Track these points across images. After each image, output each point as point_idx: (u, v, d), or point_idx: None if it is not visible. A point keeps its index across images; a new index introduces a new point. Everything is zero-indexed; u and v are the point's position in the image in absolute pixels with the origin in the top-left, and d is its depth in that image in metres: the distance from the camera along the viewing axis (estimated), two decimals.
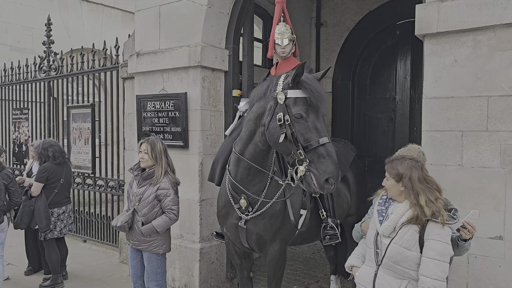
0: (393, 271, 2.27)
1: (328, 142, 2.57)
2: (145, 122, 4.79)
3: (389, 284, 2.27)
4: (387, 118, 6.50)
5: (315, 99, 2.60)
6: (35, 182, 4.64)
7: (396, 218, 2.27)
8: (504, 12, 2.71)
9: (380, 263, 2.30)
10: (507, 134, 2.76)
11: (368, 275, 2.37)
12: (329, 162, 2.51)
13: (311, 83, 2.65)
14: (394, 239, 2.24)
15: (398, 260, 2.23)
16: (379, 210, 2.41)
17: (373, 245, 2.35)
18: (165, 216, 3.36)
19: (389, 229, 2.27)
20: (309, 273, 5.18)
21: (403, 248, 2.21)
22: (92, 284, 4.88)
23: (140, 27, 4.93)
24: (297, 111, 2.61)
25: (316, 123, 2.61)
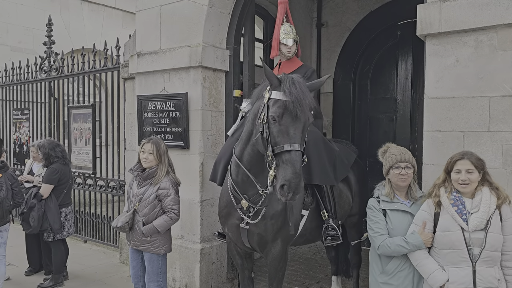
0: (491, 260, 2.39)
1: (296, 150, 2.51)
2: (145, 123, 4.79)
3: (491, 275, 2.38)
4: (388, 119, 6.49)
5: (292, 104, 2.56)
6: (45, 184, 4.62)
7: (486, 209, 2.40)
8: (506, 12, 2.70)
9: (478, 259, 2.39)
10: (509, 134, 2.75)
11: (464, 277, 2.41)
12: (288, 170, 2.48)
13: (293, 87, 2.60)
14: (490, 228, 2.38)
15: (497, 247, 2.39)
16: (458, 211, 2.44)
17: (464, 245, 2.40)
18: (166, 216, 3.35)
19: (483, 222, 2.39)
20: (310, 274, 5.17)
21: (497, 234, 2.39)
22: (93, 285, 4.87)
23: (141, 27, 4.92)
24: (272, 113, 2.61)
25: (289, 128, 2.57)
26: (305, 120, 2.62)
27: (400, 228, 2.68)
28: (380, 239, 2.70)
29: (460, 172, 2.45)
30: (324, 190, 3.44)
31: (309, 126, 2.73)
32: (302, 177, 2.51)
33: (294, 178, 2.45)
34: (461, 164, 2.46)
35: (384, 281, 2.73)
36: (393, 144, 3.01)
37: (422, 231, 2.56)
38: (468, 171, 2.44)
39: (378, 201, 2.82)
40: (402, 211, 2.74)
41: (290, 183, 2.45)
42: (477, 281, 2.38)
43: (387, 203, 2.78)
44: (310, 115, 2.68)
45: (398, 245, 2.61)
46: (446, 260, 2.48)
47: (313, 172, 3.32)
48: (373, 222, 2.78)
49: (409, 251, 2.59)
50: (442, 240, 2.48)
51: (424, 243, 2.54)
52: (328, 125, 6.75)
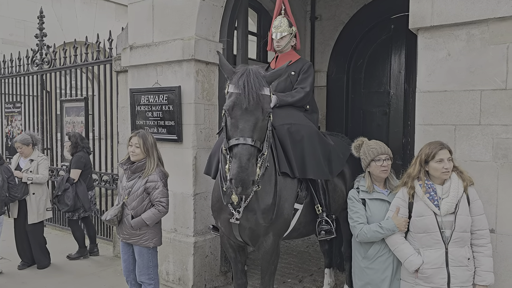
0: (461, 241, 2.57)
1: (242, 144, 2.51)
2: (138, 116, 4.77)
3: (461, 255, 2.57)
4: (381, 112, 6.51)
5: (241, 96, 2.56)
6: (74, 169, 5.27)
7: (455, 193, 2.58)
8: (497, 6, 2.71)
9: (449, 240, 2.56)
10: (499, 128, 2.77)
11: (437, 258, 2.58)
12: (235, 164, 2.49)
13: (243, 79, 2.59)
14: (458, 211, 2.57)
15: (465, 228, 2.57)
16: (430, 197, 2.61)
17: (437, 228, 2.57)
18: (154, 209, 3.36)
19: (453, 206, 2.57)
20: (303, 267, 5.21)
21: (465, 216, 2.57)
22: (86, 278, 4.87)
23: (133, 20, 4.88)
24: (225, 106, 2.63)
25: (239, 121, 2.57)
26: (258, 113, 2.60)
27: (378, 215, 2.87)
28: (358, 228, 2.88)
29: (443, 161, 2.61)
30: (319, 184, 3.45)
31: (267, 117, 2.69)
32: (251, 172, 2.50)
33: (239, 172, 2.46)
34: (443, 154, 2.62)
35: (366, 266, 2.92)
36: (365, 138, 3.18)
37: (395, 216, 2.74)
38: (448, 159, 2.62)
39: (358, 191, 3.01)
40: (380, 199, 2.94)
41: (236, 177, 2.46)
42: (449, 261, 2.57)
43: (366, 193, 2.97)
44: (266, 106, 2.66)
45: (374, 231, 2.79)
46: (421, 243, 2.65)
47: (307, 166, 3.32)
48: (353, 212, 2.97)
49: (384, 235, 2.77)
50: (417, 224, 2.65)
51: (397, 227, 2.71)
52: (321, 119, 6.76)
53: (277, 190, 3.09)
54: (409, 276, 2.71)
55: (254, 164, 2.60)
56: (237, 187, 2.50)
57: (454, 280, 2.56)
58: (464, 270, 2.58)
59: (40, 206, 5.09)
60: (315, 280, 4.76)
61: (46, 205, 5.16)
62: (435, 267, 2.58)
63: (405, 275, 2.76)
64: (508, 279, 2.78)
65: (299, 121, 3.48)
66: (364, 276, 2.93)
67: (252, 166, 2.55)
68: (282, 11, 3.89)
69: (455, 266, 2.57)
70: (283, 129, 3.34)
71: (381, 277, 2.85)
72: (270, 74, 2.79)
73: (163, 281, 4.57)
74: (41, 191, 5.12)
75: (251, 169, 2.53)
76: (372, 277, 2.88)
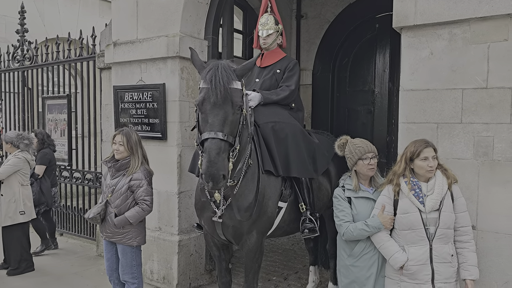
0: (445, 237, 2.61)
1: (211, 138, 2.51)
2: (122, 114, 4.71)
3: (445, 251, 2.60)
4: (366, 111, 6.56)
5: (210, 90, 2.57)
6: (39, 165, 5.40)
7: (440, 190, 2.61)
8: (479, 6, 2.75)
9: (433, 237, 2.59)
10: (480, 126, 2.81)
11: (422, 254, 2.61)
12: (205, 159, 2.50)
13: (211, 73, 2.59)
14: (443, 208, 2.60)
15: (449, 225, 2.61)
16: (415, 194, 2.64)
17: (422, 225, 2.61)
18: (138, 207, 3.32)
19: (438, 203, 2.60)
20: (288, 265, 5.22)
21: (449, 213, 2.61)
22: (68, 278, 4.80)
23: (117, 16, 4.82)
24: (196, 101, 2.64)
25: (208, 115, 2.58)
26: (227, 107, 2.60)
27: (364, 213, 2.89)
28: (345, 226, 2.89)
29: (427, 159, 2.64)
30: (303, 183, 3.45)
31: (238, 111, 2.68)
32: (220, 166, 2.49)
33: (208, 167, 2.46)
34: (427, 152, 2.65)
35: (351, 264, 2.94)
36: (348, 136, 3.19)
37: (381, 213, 2.76)
38: (433, 157, 2.65)
39: (344, 190, 3.01)
40: (366, 198, 2.96)
41: (205, 172, 2.46)
42: (433, 258, 2.60)
43: (352, 191, 2.98)
44: (236, 99, 2.66)
45: (360, 229, 2.81)
46: (406, 240, 2.68)
47: (291, 164, 3.32)
48: (338, 211, 2.98)
49: (370, 233, 2.79)
50: (402, 221, 2.67)
51: (383, 224, 2.73)
52: (307, 117, 6.78)
53: (259, 188, 3.08)
54: (394, 273, 2.74)
55: (225, 159, 2.56)
56: (208, 182, 2.49)
57: (438, 276, 2.60)
58: (448, 267, 2.62)
59: (9, 209, 4.74)
60: (300, 278, 4.78)
61: (17, 208, 4.78)
62: (419, 264, 2.61)
63: (390, 272, 2.78)
64: (489, 275, 2.82)
65: (283, 119, 3.48)
66: (350, 274, 2.94)
67: (223, 160, 2.53)
68: (268, 9, 3.89)
69: (439, 263, 2.60)
70: (267, 127, 3.34)
71: (366, 274, 2.87)
72: (240, 67, 2.78)
73: (147, 280, 4.53)
74: (11, 193, 4.76)
75: (221, 164, 2.51)
76: (357, 274, 2.90)
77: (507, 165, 2.74)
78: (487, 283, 2.83)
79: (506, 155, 2.74)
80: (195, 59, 2.79)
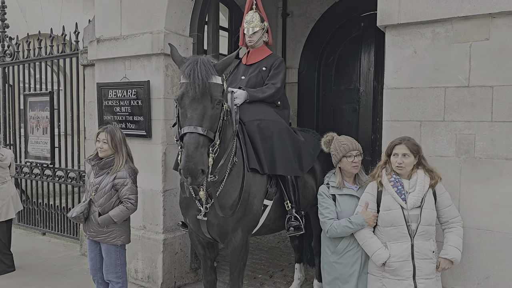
0: (426, 234, 2.65)
1: (190, 132, 2.50)
2: (106, 111, 4.65)
3: (426, 247, 2.65)
4: (351, 109, 6.60)
5: (188, 85, 2.57)
6: None
7: (421, 188, 2.65)
8: (461, 5, 2.78)
9: (415, 234, 2.63)
10: (462, 124, 2.85)
11: (404, 251, 2.64)
12: (183, 154, 2.49)
13: (189, 68, 2.59)
14: (424, 205, 2.64)
15: (431, 221, 2.66)
16: (398, 191, 2.67)
17: (404, 222, 2.64)
18: (122, 206, 3.28)
19: (419, 200, 2.64)
20: (274, 262, 5.23)
21: (430, 210, 2.65)
22: (51, 278, 4.73)
23: (100, 12, 4.75)
24: (175, 96, 2.65)
25: (187, 110, 2.57)
26: (206, 101, 2.59)
27: (348, 210, 2.92)
28: (329, 223, 2.91)
29: (397, 156, 2.69)
30: (288, 181, 3.46)
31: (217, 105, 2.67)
32: (199, 161, 2.47)
33: (186, 161, 2.44)
34: (399, 149, 2.70)
35: (335, 261, 2.96)
36: (335, 133, 3.21)
37: (364, 210, 2.79)
38: (404, 155, 2.68)
39: (328, 187, 3.03)
40: (350, 195, 2.97)
41: (183, 167, 2.45)
42: (415, 254, 2.64)
43: (336, 188, 3.00)
44: (216, 94, 2.65)
45: (344, 226, 2.83)
46: (388, 237, 2.72)
47: (277, 162, 3.32)
48: (323, 208, 2.99)
49: (354, 230, 2.81)
50: (384, 218, 2.71)
51: (366, 221, 2.76)
52: (293, 115, 6.79)
53: (244, 186, 3.07)
54: (376, 269, 2.77)
55: (204, 154, 2.54)
56: (186, 177, 2.46)
57: (419, 272, 2.63)
58: (429, 263, 2.65)
59: None
60: (286, 276, 4.79)
61: None
62: (401, 260, 2.64)
63: (372, 269, 2.82)
64: (470, 270, 2.87)
65: (269, 117, 3.47)
66: (333, 271, 2.97)
67: (201, 155, 2.50)
68: (253, 6, 3.87)
69: (420, 259, 2.64)
70: (253, 125, 3.33)
71: (350, 271, 2.89)
72: (220, 62, 2.77)
73: (131, 279, 4.49)
74: None
75: (199, 158, 2.48)
76: (340, 271, 2.92)
77: (488, 163, 2.79)
78: (469, 278, 2.88)
79: (487, 152, 2.79)
80: (175, 55, 2.77)
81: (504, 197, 2.75)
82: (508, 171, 2.73)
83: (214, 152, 2.66)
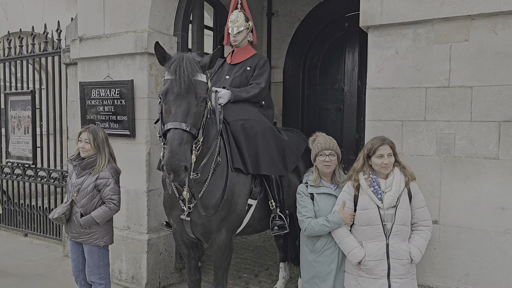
0: (401, 234, 2.68)
1: (174, 128, 2.50)
2: (89, 111, 4.60)
3: (402, 248, 2.67)
4: (335, 109, 6.66)
5: (173, 81, 2.57)
6: None
7: (397, 187, 2.68)
8: (441, 7, 2.83)
9: (390, 233, 2.66)
10: (443, 123, 2.90)
11: (379, 250, 2.67)
12: (167, 149, 2.48)
13: (175, 64, 2.60)
14: (399, 204, 2.67)
15: (406, 221, 2.69)
16: (374, 191, 2.70)
17: (379, 221, 2.67)
18: (105, 207, 3.25)
19: (395, 199, 2.67)
20: (259, 261, 5.24)
21: (405, 209, 2.69)
22: (33, 280, 4.66)
23: (83, 10, 4.69)
24: (159, 93, 2.65)
25: (171, 106, 2.57)
26: (191, 98, 2.60)
27: (326, 209, 2.94)
28: (306, 222, 2.94)
29: (383, 156, 2.71)
30: (273, 180, 3.47)
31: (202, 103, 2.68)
32: (182, 157, 2.45)
33: (169, 157, 2.43)
34: (383, 149, 2.72)
35: (313, 259, 2.99)
36: (322, 133, 3.24)
37: (341, 209, 2.82)
38: (389, 155, 2.72)
39: (307, 186, 3.05)
40: (328, 194, 3.00)
41: (166, 163, 2.43)
42: (390, 253, 2.67)
43: (314, 187, 3.03)
44: (200, 91, 2.65)
45: (321, 225, 2.86)
46: (364, 236, 2.74)
47: (261, 162, 3.33)
48: (301, 207, 3.02)
49: (330, 228, 2.84)
50: (361, 217, 2.74)
51: (343, 220, 2.79)
52: (278, 115, 6.82)
53: (228, 186, 3.07)
54: (352, 268, 2.80)
55: (187, 150, 2.53)
56: (169, 174, 2.45)
57: (394, 272, 2.67)
58: (404, 263, 2.68)
59: None
60: (271, 275, 4.81)
61: None
62: (376, 259, 2.68)
63: (348, 267, 2.85)
64: (450, 268, 2.92)
65: (253, 116, 3.48)
66: (311, 269, 3.00)
67: (185, 152, 2.49)
68: (238, 6, 3.87)
69: (395, 259, 2.67)
70: (237, 124, 3.33)
71: (327, 269, 2.92)
72: (204, 59, 2.78)
73: (115, 280, 4.45)
74: None
75: (183, 155, 2.47)
76: (318, 270, 2.95)
77: (467, 162, 2.84)
78: (449, 275, 2.93)
79: (466, 151, 2.84)
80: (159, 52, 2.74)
81: (483, 195, 2.81)
82: (487, 170, 2.79)
83: (197, 149, 2.66)
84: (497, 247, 2.79)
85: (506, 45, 2.71)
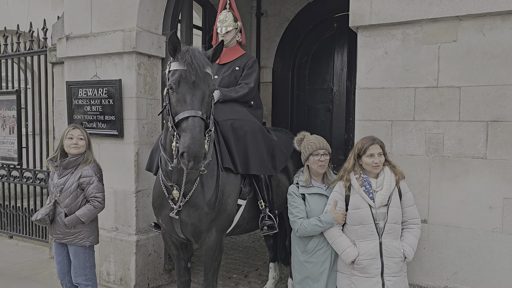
0: (394, 232, 2.71)
1: (193, 116, 2.49)
2: (76, 110, 4.53)
3: (394, 246, 2.70)
4: (325, 109, 6.68)
5: (187, 71, 2.56)
6: None
7: (388, 186, 2.71)
8: (430, 7, 2.85)
9: (383, 232, 2.68)
10: (431, 123, 2.92)
11: (372, 249, 2.69)
12: (187, 136, 2.45)
13: (187, 55, 2.60)
14: (391, 203, 2.70)
15: (398, 219, 2.72)
16: (366, 190, 2.73)
17: (372, 220, 2.68)
18: (90, 205, 3.20)
19: (386, 198, 2.70)
20: (249, 262, 5.22)
21: (396, 208, 2.72)
22: (19, 283, 4.57)
23: (70, 9, 4.62)
24: (169, 83, 2.63)
25: (186, 95, 2.57)
26: (204, 87, 2.61)
27: (317, 209, 2.94)
28: (298, 222, 2.93)
29: (373, 156, 2.73)
30: (262, 180, 3.46)
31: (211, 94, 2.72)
32: (203, 144, 2.45)
33: (192, 144, 2.40)
34: (373, 149, 2.74)
35: (305, 260, 2.98)
36: (307, 132, 3.26)
37: (333, 209, 2.82)
38: (379, 154, 2.75)
39: (298, 187, 3.05)
40: (319, 194, 3.00)
41: (189, 149, 2.40)
42: (383, 252, 2.69)
43: (305, 188, 3.03)
44: (211, 82, 2.68)
45: (313, 225, 2.85)
46: (357, 235, 2.76)
47: (250, 162, 3.31)
48: (293, 207, 3.02)
49: (323, 229, 2.85)
50: (353, 216, 2.76)
51: (335, 219, 2.79)
52: (267, 115, 6.82)
53: (219, 185, 3.05)
54: (345, 267, 2.81)
55: (204, 139, 2.54)
56: (189, 161, 2.40)
57: (387, 270, 2.69)
58: (397, 261, 2.71)
59: None
60: (260, 275, 4.79)
61: None
62: (369, 258, 2.69)
63: (341, 267, 2.86)
64: (439, 266, 2.95)
65: (242, 116, 3.47)
66: (303, 270, 2.99)
67: (203, 139, 2.50)
68: (227, 6, 3.86)
69: (388, 257, 2.69)
70: (226, 124, 3.31)
71: (320, 270, 2.92)
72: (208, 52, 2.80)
73: (103, 282, 4.40)
74: None
75: (203, 141, 2.48)
76: (311, 270, 2.95)
77: (456, 161, 2.87)
78: (438, 274, 2.95)
79: (455, 151, 2.87)
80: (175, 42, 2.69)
81: (471, 194, 2.84)
82: (475, 169, 2.82)
83: (207, 140, 2.66)
84: (485, 246, 2.82)
85: (493, 46, 2.74)
